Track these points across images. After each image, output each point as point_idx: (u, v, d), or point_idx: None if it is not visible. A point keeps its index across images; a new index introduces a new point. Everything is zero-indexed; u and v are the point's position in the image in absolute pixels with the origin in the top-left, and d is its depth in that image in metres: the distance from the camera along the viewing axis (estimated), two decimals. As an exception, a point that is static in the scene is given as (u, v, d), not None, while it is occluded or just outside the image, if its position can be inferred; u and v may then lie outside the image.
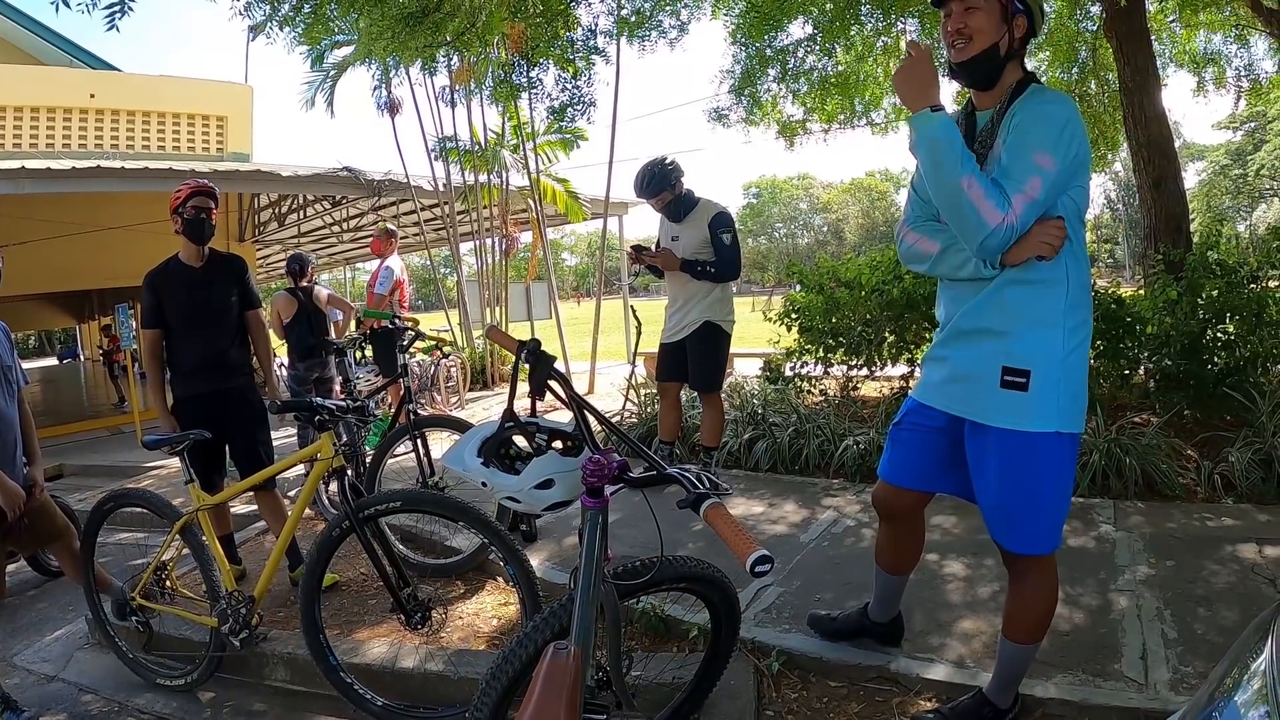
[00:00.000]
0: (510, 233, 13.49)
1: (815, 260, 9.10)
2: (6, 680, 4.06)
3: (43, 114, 15.27)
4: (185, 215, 4.47)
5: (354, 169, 13.44)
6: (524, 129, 12.43)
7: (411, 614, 3.43)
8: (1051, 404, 2.35)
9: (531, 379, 2.40)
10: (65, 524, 4.21)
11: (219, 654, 3.82)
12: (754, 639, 3.30)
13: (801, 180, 78.82)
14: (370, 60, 11.57)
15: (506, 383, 11.94)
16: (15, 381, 3.95)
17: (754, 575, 1.69)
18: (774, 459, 5.68)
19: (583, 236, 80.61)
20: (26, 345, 53.90)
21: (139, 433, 11.71)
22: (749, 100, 9.93)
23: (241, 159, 16.09)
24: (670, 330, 5.28)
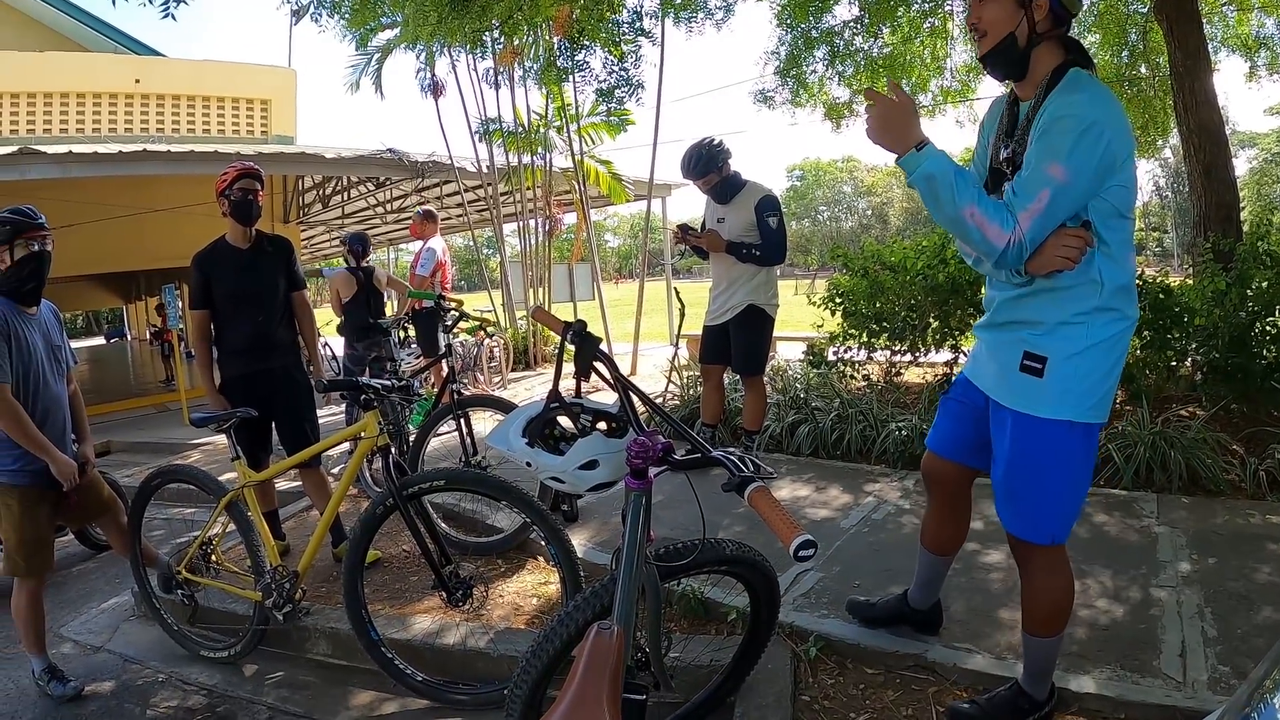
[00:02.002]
0: (554, 214, 13.48)
1: (860, 244, 9.02)
2: (54, 651, 4.15)
3: (89, 99, 15.54)
4: (232, 197, 4.54)
5: (397, 151, 13.49)
6: (568, 110, 12.41)
7: (453, 591, 3.47)
8: (1066, 393, 2.33)
9: (577, 360, 2.40)
10: (113, 499, 4.28)
11: (262, 627, 3.88)
12: (792, 623, 3.30)
13: (846, 163, 77.87)
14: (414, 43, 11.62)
15: (548, 363, 12.03)
16: (65, 361, 4.02)
17: (797, 559, 1.69)
18: (816, 444, 5.65)
19: (625, 218, 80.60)
20: (74, 325, 54.85)
21: (185, 411, 11.91)
22: (795, 82, 9.87)
23: (285, 142, 16.27)
24: (714, 312, 5.26)
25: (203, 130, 16.44)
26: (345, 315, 7.14)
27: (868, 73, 9.68)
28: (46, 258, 3.77)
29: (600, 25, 9.05)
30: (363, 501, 5.78)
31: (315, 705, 3.58)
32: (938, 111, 10.98)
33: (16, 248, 3.67)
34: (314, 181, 17.61)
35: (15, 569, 3.83)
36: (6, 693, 4.09)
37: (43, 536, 3.89)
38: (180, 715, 3.66)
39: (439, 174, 14.00)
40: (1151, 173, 50.24)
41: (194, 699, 3.79)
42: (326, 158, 12.89)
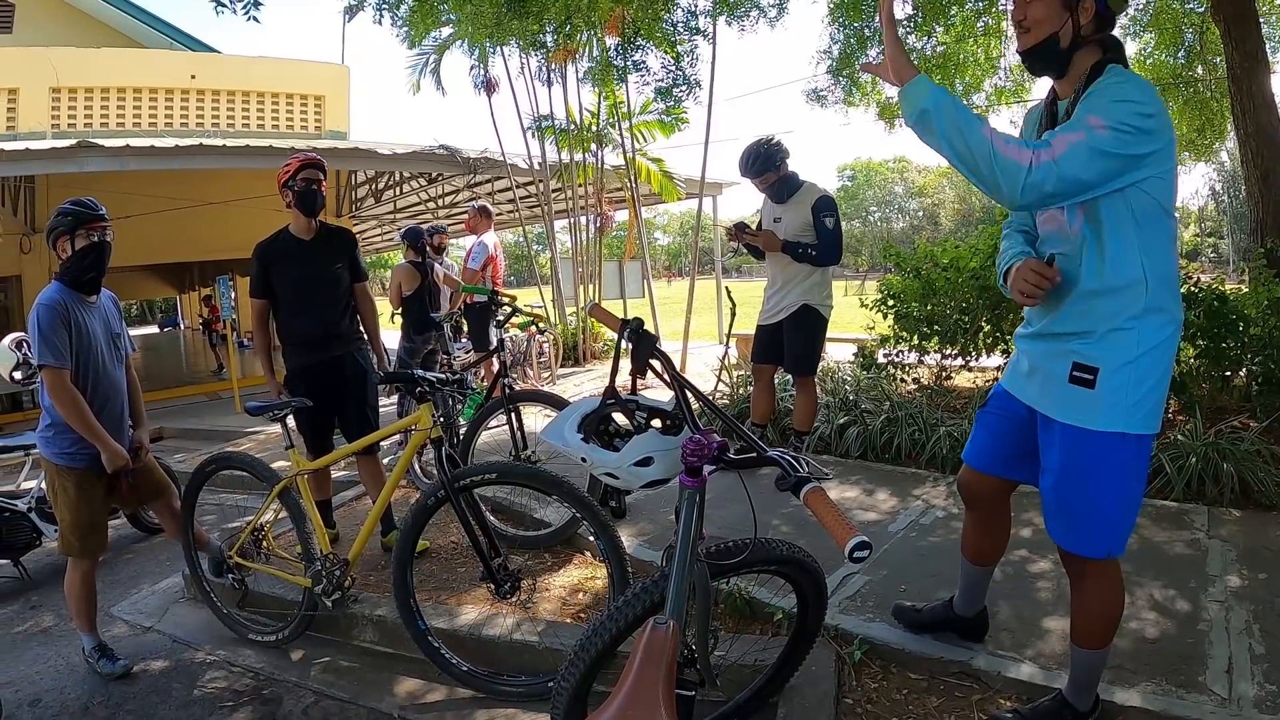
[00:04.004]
0: (605, 211, 13.50)
1: (913, 245, 8.94)
2: (104, 630, 4.26)
3: (145, 94, 15.86)
4: (296, 188, 4.59)
5: (450, 147, 13.60)
6: (620, 108, 12.42)
7: (501, 583, 3.50)
8: (1118, 404, 2.29)
9: (633, 357, 2.41)
10: (167, 483, 4.36)
11: (311, 613, 3.95)
12: (837, 626, 3.29)
13: (897, 163, 76.86)
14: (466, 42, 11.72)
15: (597, 360, 12.03)
16: (124, 348, 4.12)
17: (852, 560, 1.69)
18: (865, 446, 5.61)
19: (675, 216, 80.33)
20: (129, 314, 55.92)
21: (237, 399, 12.14)
22: (848, 81, 9.80)
23: (339, 137, 16.48)
24: (768, 312, 5.24)
25: (257, 125, 16.72)
26: (405, 308, 7.22)
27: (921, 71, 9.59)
28: (107, 248, 3.87)
29: (655, 25, 9.07)
30: (410, 492, 5.86)
31: (360, 691, 3.63)
32: (991, 111, 10.85)
33: (78, 238, 3.77)
34: (366, 176, 17.85)
35: (70, 549, 3.94)
36: (56, 669, 4.21)
37: (97, 518, 3.99)
38: (227, 696, 3.73)
39: (491, 170, 14.08)
40: (1207, 177, 49.23)
41: (241, 681, 3.87)
42: (380, 153, 13.03)
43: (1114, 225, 2.26)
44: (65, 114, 15.32)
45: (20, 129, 14.71)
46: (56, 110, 15.25)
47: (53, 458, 3.88)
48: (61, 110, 15.28)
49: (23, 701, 3.89)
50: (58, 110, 15.26)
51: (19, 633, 4.82)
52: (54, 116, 15.18)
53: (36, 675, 4.18)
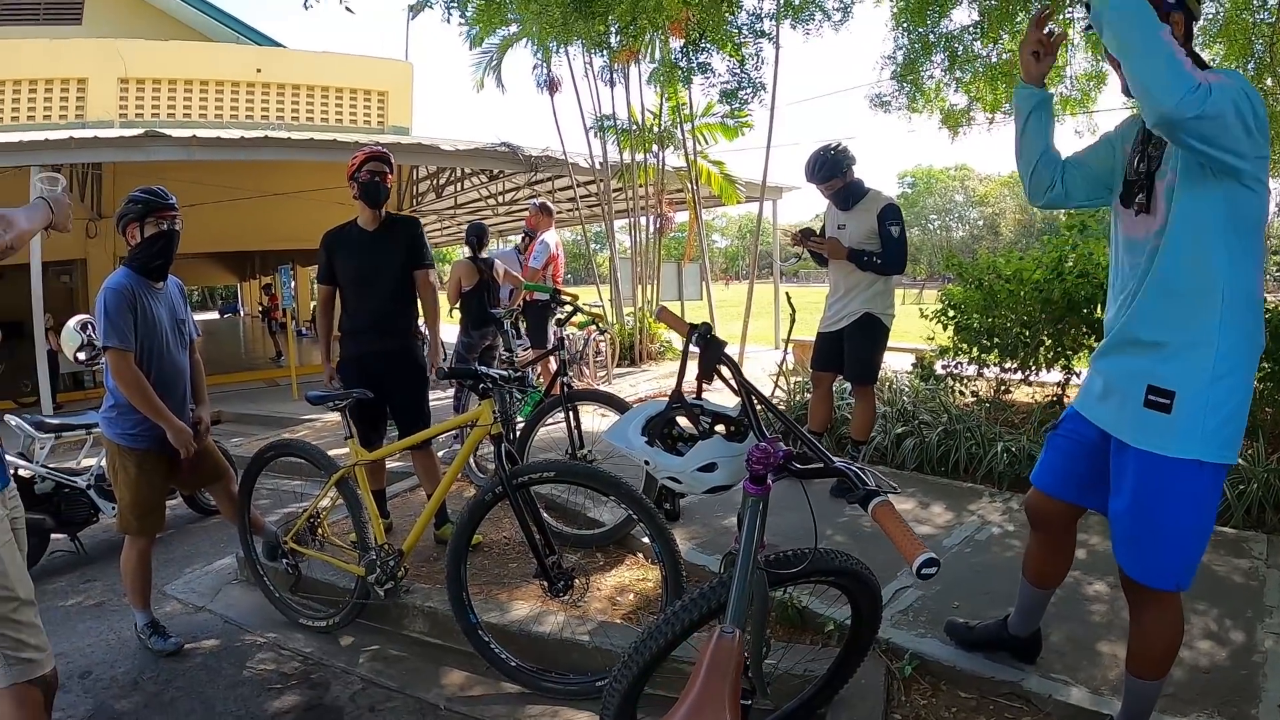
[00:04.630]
0: (665, 212, 13.48)
1: (973, 254, 8.80)
2: (157, 607, 4.34)
3: (211, 87, 16.29)
4: (360, 179, 4.64)
5: (512, 144, 13.69)
6: (682, 110, 12.39)
7: (555, 581, 3.50)
8: (1194, 430, 2.22)
9: (701, 362, 2.40)
10: (225, 467, 4.43)
11: (363, 601, 3.99)
12: (888, 640, 3.25)
13: (958, 171, 75.67)
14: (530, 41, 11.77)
15: (653, 361, 12.02)
16: (188, 333, 4.20)
17: (920, 577, 1.66)
18: (921, 458, 5.54)
19: (733, 219, 79.86)
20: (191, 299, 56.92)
21: (295, 387, 12.32)
22: (912, 87, 9.67)
23: (401, 132, 16.70)
24: (829, 319, 5.20)
25: (321, 119, 17.01)
26: (464, 303, 7.27)
27: (986, 79, 9.42)
28: (175, 237, 3.95)
29: (719, 27, 9.04)
30: (464, 486, 5.89)
31: (408, 681, 3.65)
32: (1057, 121, 10.64)
33: (147, 225, 3.86)
34: (428, 172, 18.06)
35: (128, 527, 4.03)
36: (108, 643, 4.30)
37: (156, 498, 4.08)
38: (275, 679, 3.78)
39: (552, 168, 14.17)
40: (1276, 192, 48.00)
41: (290, 664, 3.91)
42: (443, 149, 13.17)
43: (1204, 221, 2.20)
44: (133, 104, 15.74)
45: (89, 118, 15.15)
46: (124, 100, 15.68)
47: (115, 438, 3.97)
48: (129, 100, 15.69)
49: (74, 673, 3.98)
50: (125, 100, 15.69)
51: (72, 606, 4.93)
52: (121, 106, 15.62)
53: (88, 648, 4.27)
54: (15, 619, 2.38)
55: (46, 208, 2.51)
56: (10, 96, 15.24)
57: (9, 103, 15.23)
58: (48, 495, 5.69)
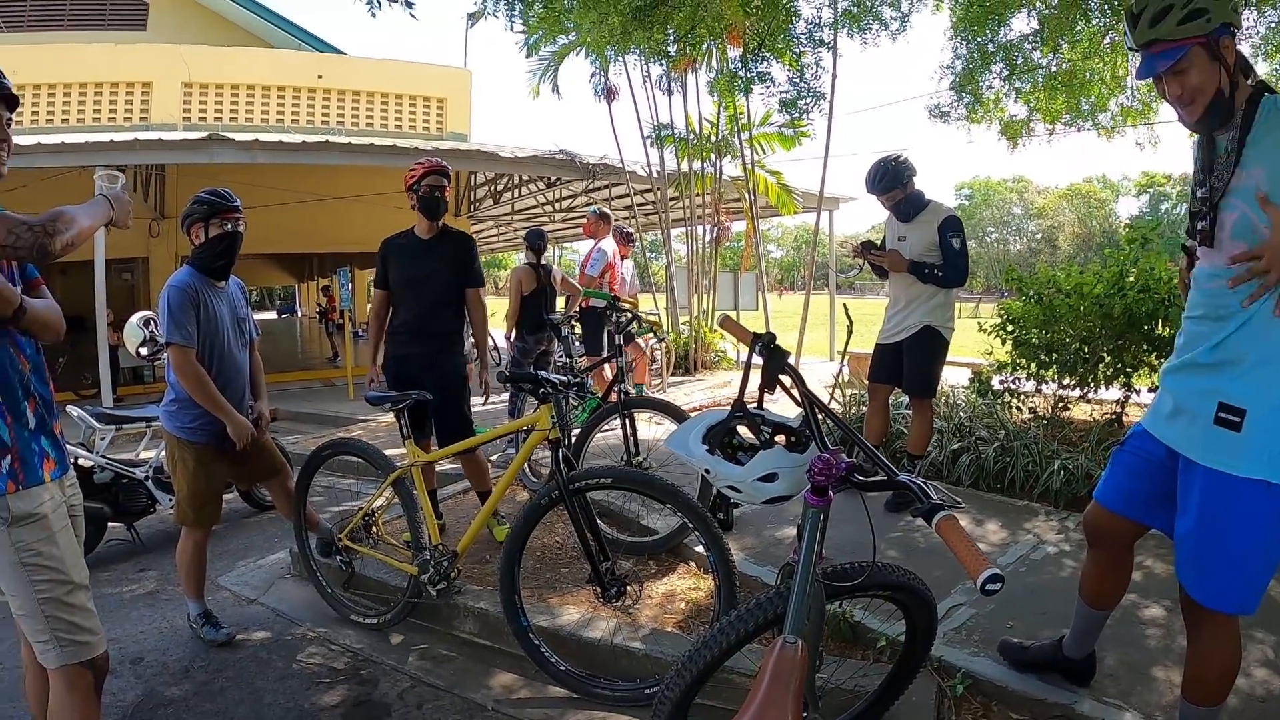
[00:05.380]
0: (722, 221, 13.46)
1: (1030, 268, 8.67)
2: (210, 598, 4.42)
3: (273, 92, 16.61)
4: (420, 193, 4.74)
5: (570, 152, 13.81)
6: (739, 119, 12.36)
7: (608, 587, 3.50)
8: (1264, 450, 2.17)
9: (764, 372, 2.39)
10: (282, 463, 4.49)
11: (415, 600, 4.03)
12: (940, 658, 3.20)
13: (1016, 183, 74.52)
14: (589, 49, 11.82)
15: (708, 370, 12.00)
16: (249, 333, 4.28)
17: (984, 593, 1.65)
18: (977, 474, 5.44)
19: (789, 229, 79.72)
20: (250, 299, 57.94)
21: (350, 387, 12.50)
22: (971, 97, 9.55)
23: (460, 139, 16.90)
24: (888, 331, 5.15)
25: (380, 125, 17.26)
26: (523, 309, 7.30)
27: (1046, 89, 9.27)
28: (238, 238, 4.03)
29: (776, 37, 9.01)
30: (514, 490, 5.92)
31: (457, 681, 3.68)
32: (1117, 132, 10.43)
33: (212, 226, 3.94)
34: (486, 178, 18.29)
35: (185, 518, 4.11)
36: (160, 630, 4.40)
37: (213, 491, 4.16)
38: (325, 673, 3.83)
39: (609, 176, 14.26)
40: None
41: (340, 660, 3.96)
42: (501, 155, 13.31)
43: None
44: (196, 108, 16.11)
45: (152, 121, 15.51)
46: (188, 104, 16.04)
47: (175, 431, 4.04)
48: (193, 104, 16.07)
49: (125, 658, 4.07)
50: (189, 104, 16.05)
51: (127, 593, 5.05)
52: (185, 110, 15.97)
53: (140, 635, 4.36)
54: (69, 602, 2.44)
55: (107, 205, 2.56)
56: (76, 99, 15.62)
57: (75, 105, 15.62)
58: (106, 485, 5.82)
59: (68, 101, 15.53)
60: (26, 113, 15.30)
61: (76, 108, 15.55)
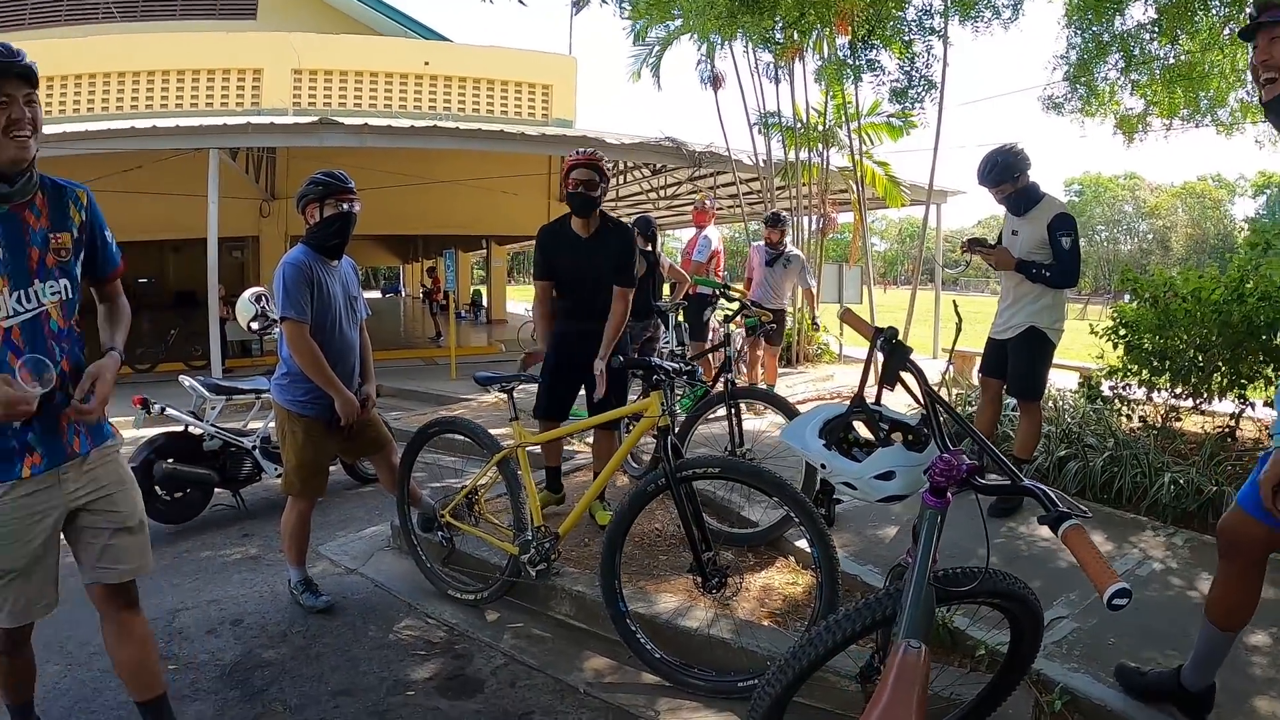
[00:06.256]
0: (828, 213, 13.27)
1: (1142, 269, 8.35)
2: (310, 567, 4.56)
3: (380, 79, 17.15)
4: (567, 187, 4.70)
5: (676, 139, 13.81)
6: (847, 109, 12.16)
7: (709, 577, 3.49)
8: None
9: (885, 369, 2.35)
10: (388, 438, 4.59)
11: (513, 580, 4.10)
12: (1039, 671, 3.11)
13: (1128, 180, 71.44)
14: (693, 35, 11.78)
15: (809, 362, 11.85)
16: (360, 311, 4.39)
17: (1110, 607, 1.60)
18: (1083, 483, 5.24)
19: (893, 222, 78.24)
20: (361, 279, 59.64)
21: (453, 367, 12.75)
22: (1085, 89, 9.23)
23: (565, 125, 17.11)
24: (998, 326, 5.02)
25: (485, 111, 17.57)
26: None
27: (1163, 82, 8.88)
28: (352, 218, 4.12)
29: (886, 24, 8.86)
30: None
31: (550, 661, 3.72)
32: (1235, 129, 9.95)
33: (326, 206, 4.04)
34: (591, 164, 18.37)
35: (291, 488, 4.23)
36: (260, 594, 4.57)
37: (320, 463, 4.28)
38: (420, 645, 3.92)
39: (715, 164, 14.26)
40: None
41: (435, 633, 4.05)
42: (608, 142, 13.40)
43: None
44: (306, 93, 16.73)
45: (263, 105, 16.20)
46: (297, 90, 16.68)
47: (286, 404, 4.17)
48: (302, 90, 16.68)
49: (226, 619, 4.24)
50: (299, 90, 16.69)
51: (229, 557, 5.25)
52: (295, 95, 16.60)
53: (241, 598, 4.54)
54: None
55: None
56: (189, 85, 16.37)
57: (188, 90, 16.36)
58: (215, 453, 6.03)
59: (181, 87, 16.30)
60: (141, 97, 16.07)
61: (190, 93, 16.31)
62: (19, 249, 2.41)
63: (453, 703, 3.42)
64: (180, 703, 3.39)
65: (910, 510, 4.49)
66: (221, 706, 3.41)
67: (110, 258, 2.76)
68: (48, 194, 2.51)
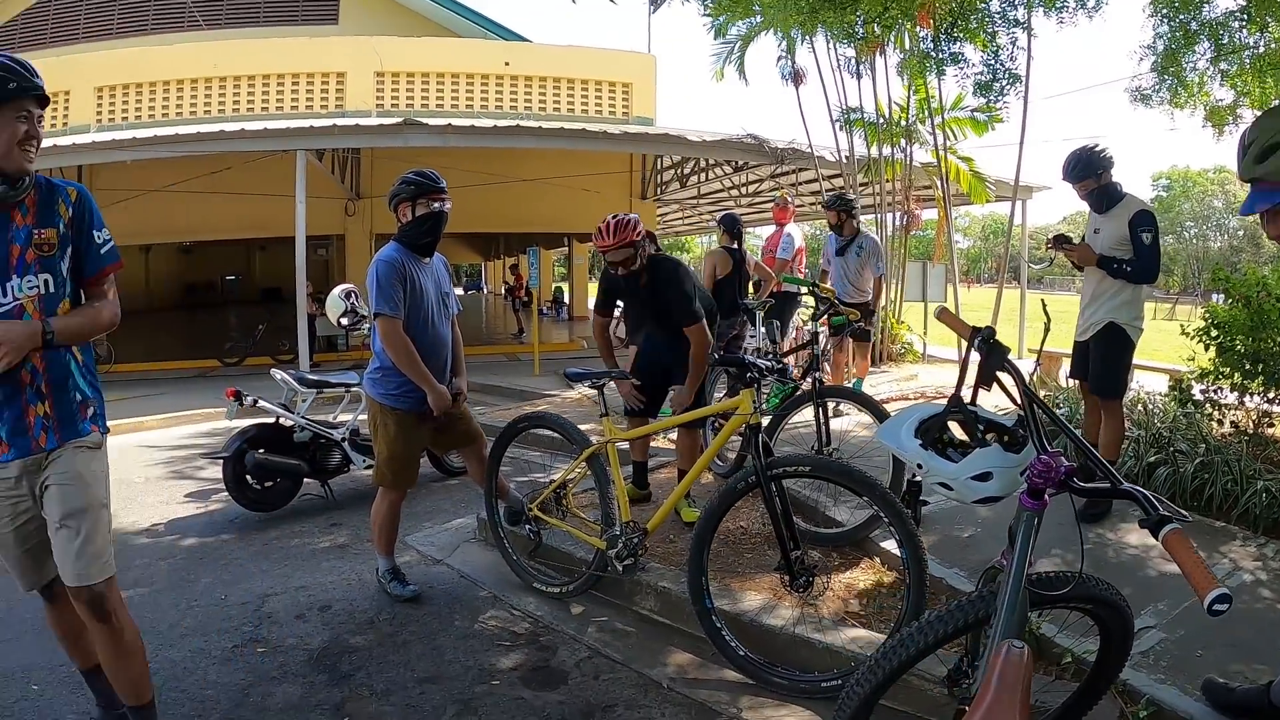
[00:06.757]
0: (912, 209, 13.06)
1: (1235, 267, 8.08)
2: (397, 557, 4.67)
3: (462, 79, 17.46)
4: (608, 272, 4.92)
5: (758, 136, 13.76)
6: (930, 103, 11.99)
7: (797, 576, 3.51)
8: None
9: (982, 368, 2.34)
10: (478, 431, 4.68)
11: (599, 574, 4.14)
12: (1125, 681, 3.04)
13: (1217, 174, 68.36)
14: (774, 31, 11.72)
15: (893, 362, 11.70)
16: (451, 307, 4.51)
17: (1210, 613, 1.57)
18: (1174, 490, 5.08)
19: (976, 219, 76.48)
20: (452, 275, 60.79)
21: (536, 363, 12.91)
22: (1173, 80, 8.99)
23: (645, 123, 17.19)
24: (1081, 328, 5.04)
25: (566, 110, 17.73)
26: (716, 292, 7.32)
27: (1253, 72, 8.60)
28: (444, 217, 4.23)
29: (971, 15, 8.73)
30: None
31: (633, 655, 3.76)
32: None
33: (418, 206, 4.15)
34: (672, 161, 18.52)
35: (383, 480, 4.35)
36: (348, 582, 4.71)
37: (412, 455, 4.39)
38: (505, 636, 3.99)
39: (797, 161, 14.16)
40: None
41: (520, 625, 4.12)
42: (689, 140, 13.43)
43: None
44: (389, 95, 17.12)
45: (347, 108, 16.60)
46: (380, 92, 17.04)
47: (379, 398, 4.28)
48: (385, 92, 17.08)
49: (314, 604, 4.39)
50: (381, 92, 17.06)
51: (318, 545, 5.41)
52: (378, 97, 16.98)
53: (330, 584, 4.68)
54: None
55: None
56: (274, 88, 16.87)
57: (273, 94, 16.87)
58: (305, 444, 6.21)
59: (266, 90, 16.82)
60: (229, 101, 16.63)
61: (275, 96, 16.81)
62: (2, 246, 2.50)
63: (537, 693, 3.48)
64: (268, 684, 3.55)
65: (994, 513, 4.47)
66: (309, 689, 3.52)
67: (96, 259, 2.73)
68: (40, 193, 2.59)
